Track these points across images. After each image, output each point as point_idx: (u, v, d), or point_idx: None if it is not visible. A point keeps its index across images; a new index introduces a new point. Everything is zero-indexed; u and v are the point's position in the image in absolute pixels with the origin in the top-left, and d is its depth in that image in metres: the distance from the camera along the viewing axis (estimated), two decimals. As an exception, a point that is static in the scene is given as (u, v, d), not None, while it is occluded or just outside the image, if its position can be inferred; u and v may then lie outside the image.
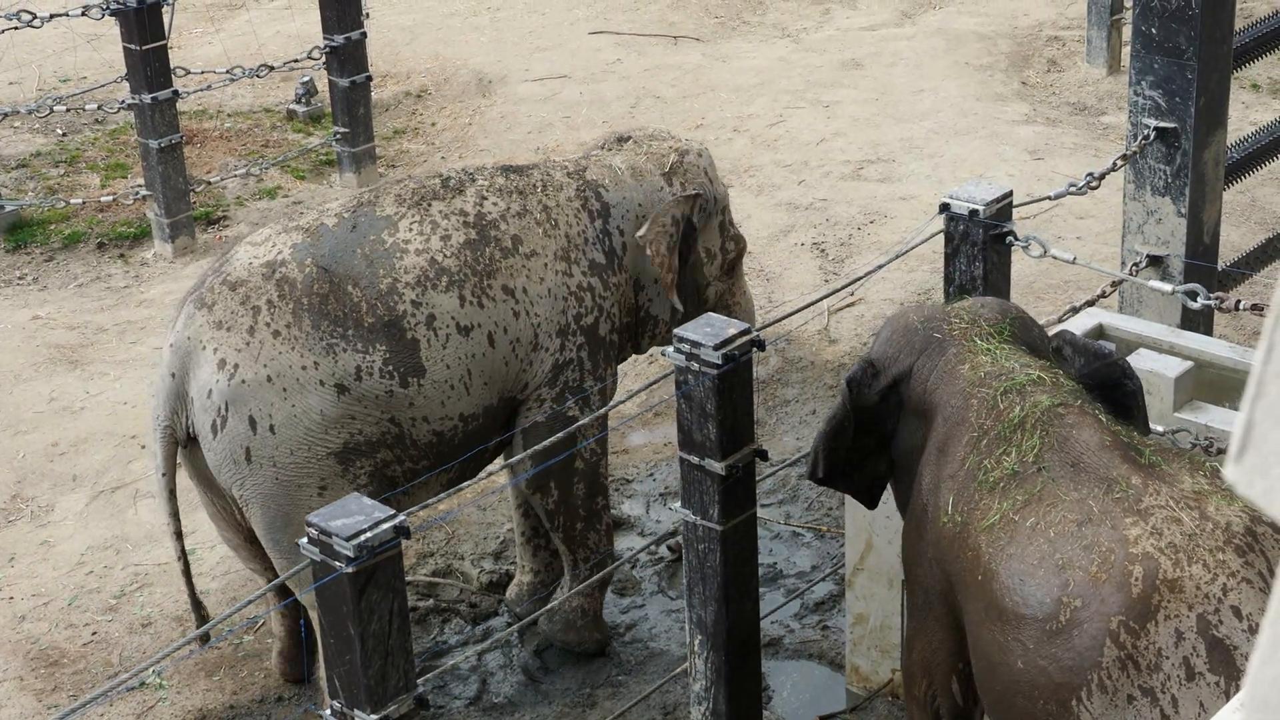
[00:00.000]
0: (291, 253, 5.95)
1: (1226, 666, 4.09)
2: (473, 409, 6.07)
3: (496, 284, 6.10)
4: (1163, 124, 6.96)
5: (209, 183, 10.52)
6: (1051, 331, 5.47)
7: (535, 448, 5.75)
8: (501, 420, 6.21)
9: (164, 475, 5.95)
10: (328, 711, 4.91)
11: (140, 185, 10.13)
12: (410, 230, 6.05)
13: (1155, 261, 7.14)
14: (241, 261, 5.96)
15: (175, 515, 5.99)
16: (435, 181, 6.24)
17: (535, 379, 6.20)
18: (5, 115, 10.42)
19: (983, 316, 5.10)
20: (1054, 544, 4.39)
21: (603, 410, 6.17)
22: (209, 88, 10.98)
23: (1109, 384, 5.06)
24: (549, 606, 6.57)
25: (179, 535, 6.03)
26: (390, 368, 5.90)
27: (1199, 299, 6.04)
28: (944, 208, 6.06)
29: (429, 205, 6.14)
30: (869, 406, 5.13)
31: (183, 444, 5.92)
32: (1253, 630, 4.11)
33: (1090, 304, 6.72)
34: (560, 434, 5.82)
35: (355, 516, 4.64)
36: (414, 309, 5.95)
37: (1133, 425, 4.91)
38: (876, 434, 5.18)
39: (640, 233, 6.38)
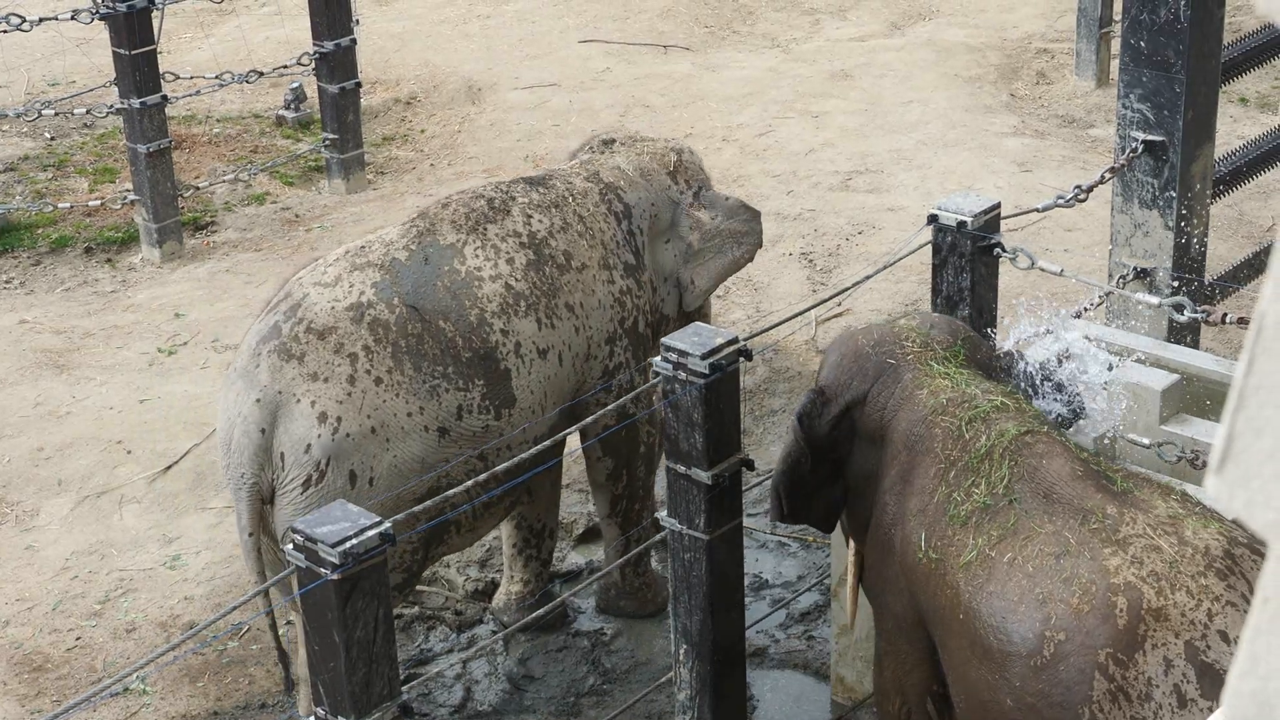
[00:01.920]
0: (375, 293, 5.76)
1: (1218, 692, 4.07)
2: (542, 429, 6.06)
3: (560, 302, 6.12)
4: (1151, 137, 6.97)
5: (197, 188, 10.51)
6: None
7: (600, 435, 6.01)
8: (555, 434, 6.20)
9: (250, 535, 5.66)
10: (311, 719, 4.90)
11: (128, 190, 10.12)
12: (477, 257, 5.99)
13: (1142, 274, 7.15)
14: (320, 305, 5.72)
15: (262, 573, 5.66)
16: (481, 203, 6.19)
17: (586, 386, 6.26)
18: (-6, 119, 10.42)
19: (934, 339, 5.06)
20: (1034, 579, 4.35)
21: (626, 396, 6.24)
22: (198, 93, 10.97)
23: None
24: (600, 573, 6.69)
25: (267, 595, 5.67)
26: (487, 402, 5.84)
27: (1186, 312, 6.05)
28: (932, 219, 6.07)
29: (485, 229, 6.09)
30: (821, 436, 5.11)
31: (267, 500, 5.69)
32: None
33: (1077, 316, 6.72)
34: (612, 424, 6.05)
35: (341, 524, 4.63)
36: (504, 338, 5.90)
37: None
38: (830, 462, 5.16)
39: (699, 282, 6.64)
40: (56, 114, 10.85)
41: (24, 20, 9.62)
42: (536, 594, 6.90)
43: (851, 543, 5.37)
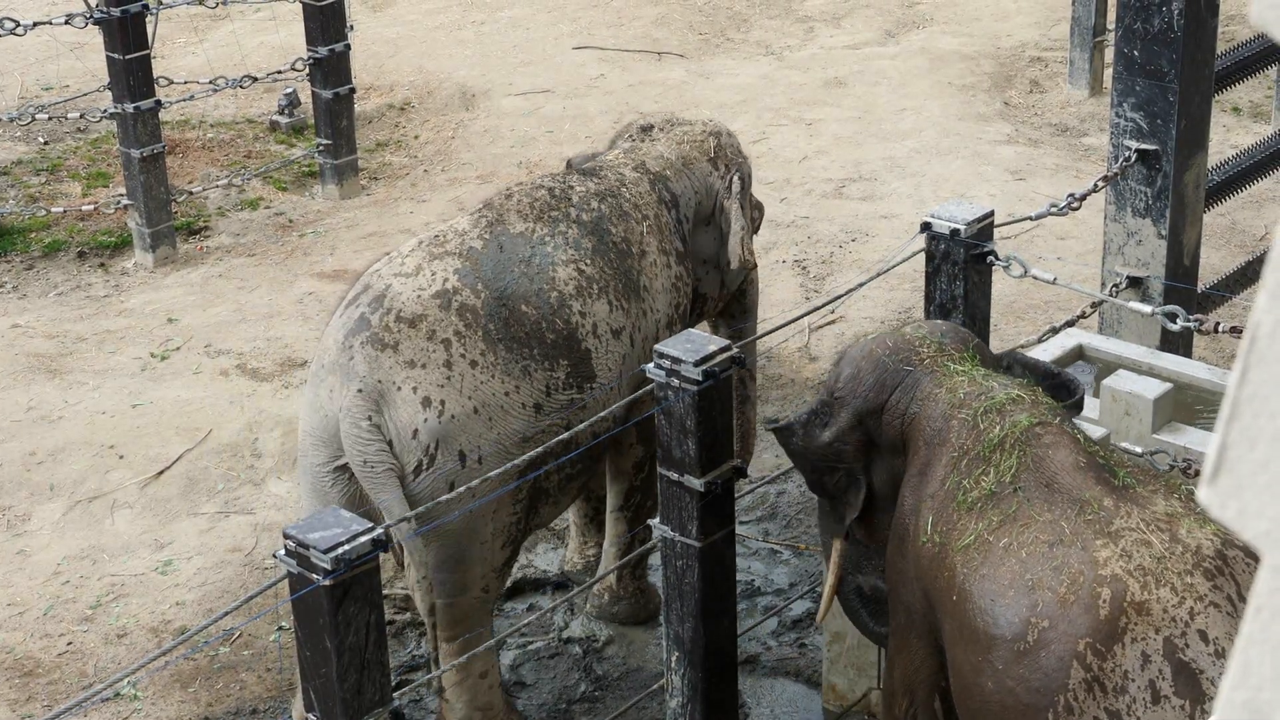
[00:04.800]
0: (459, 280, 5.87)
1: (1192, 690, 4.10)
2: (618, 408, 6.14)
3: (628, 286, 6.23)
4: (1144, 146, 6.99)
5: (191, 193, 10.50)
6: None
7: (638, 417, 6.08)
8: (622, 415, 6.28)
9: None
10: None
11: (122, 194, 10.11)
12: (547, 244, 6.09)
13: (1135, 283, 7.16)
14: (406, 295, 5.80)
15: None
16: (542, 192, 6.28)
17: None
18: (-13, 123, 10.41)
19: (948, 344, 5.10)
20: (1025, 565, 4.40)
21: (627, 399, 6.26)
22: (192, 98, 10.96)
23: (1060, 395, 5.11)
24: (596, 579, 6.81)
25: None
26: (571, 379, 5.96)
27: (1178, 321, 6.06)
28: (925, 227, 6.08)
29: (550, 216, 6.19)
30: (819, 447, 5.12)
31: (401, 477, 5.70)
32: (1219, 654, 4.13)
33: (1070, 324, 6.74)
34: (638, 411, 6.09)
35: (333, 529, 4.63)
36: (582, 319, 6.02)
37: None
38: (843, 471, 5.17)
39: (733, 249, 6.65)
40: (50, 118, 10.84)
41: (18, 24, 9.60)
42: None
43: (836, 542, 5.39)
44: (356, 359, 5.70)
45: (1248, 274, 8.00)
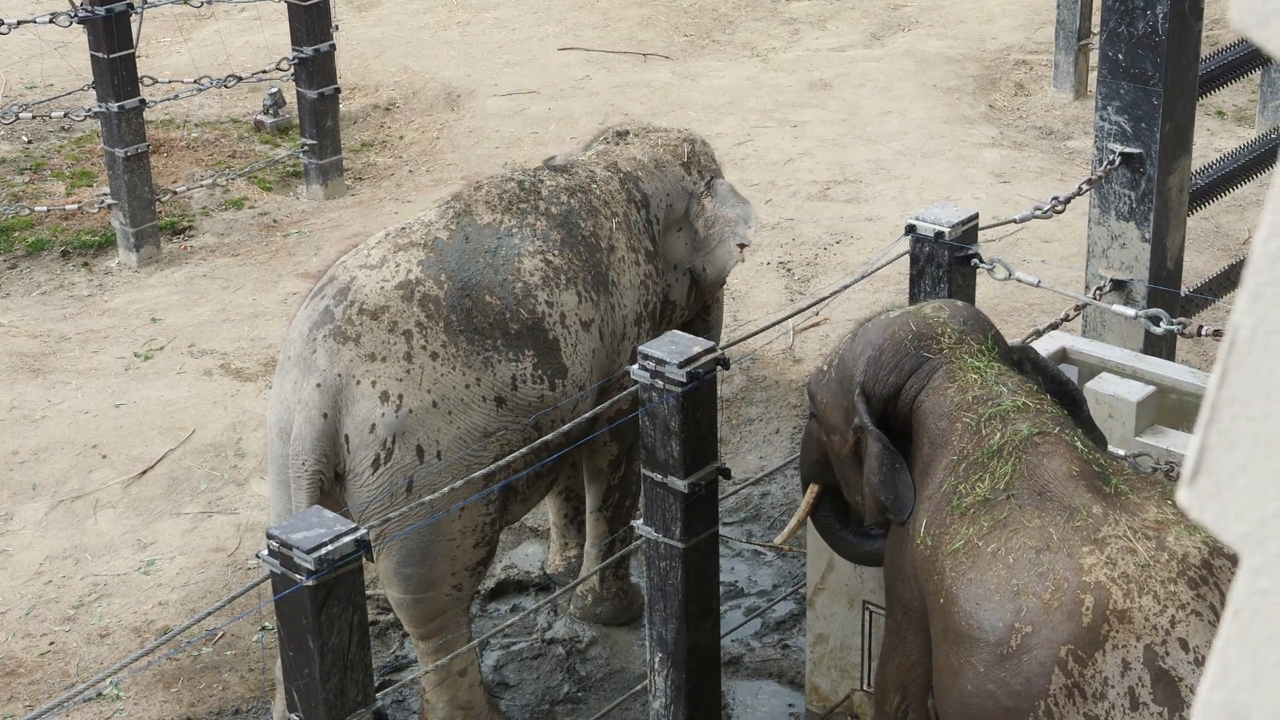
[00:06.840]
0: (422, 270, 5.83)
1: (1171, 698, 4.12)
2: (588, 403, 6.13)
3: (596, 279, 6.22)
4: (1128, 149, 7.00)
5: (175, 192, 10.49)
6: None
7: (619, 422, 6.06)
8: (593, 407, 6.24)
9: None
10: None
11: (105, 194, 10.09)
12: (514, 235, 6.07)
13: (1119, 286, 7.17)
14: (369, 287, 5.76)
15: None
16: (512, 184, 6.27)
17: (619, 367, 6.32)
18: (-29, 121, 10.37)
19: (968, 333, 5.05)
20: (1012, 570, 4.41)
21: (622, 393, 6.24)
22: (176, 97, 10.94)
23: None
24: (580, 579, 6.84)
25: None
26: (539, 372, 5.93)
27: (1162, 324, 6.07)
28: (910, 229, 6.09)
29: (518, 208, 6.18)
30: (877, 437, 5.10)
31: (328, 488, 5.69)
32: (1199, 663, 4.15)
33: (1054, 327, 6.74)
34: (627, 413, 6.07)
35: (316, 529, 4.63)
36: (549, 309, 5.99)
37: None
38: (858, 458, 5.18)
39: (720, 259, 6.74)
40: (34, 117, 10.81)
41: (1, 23, 9.58)
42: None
43: (813, 486, 5.46)
44: (319, 352, 5.69)
45: (1231, 277, 8.02)
